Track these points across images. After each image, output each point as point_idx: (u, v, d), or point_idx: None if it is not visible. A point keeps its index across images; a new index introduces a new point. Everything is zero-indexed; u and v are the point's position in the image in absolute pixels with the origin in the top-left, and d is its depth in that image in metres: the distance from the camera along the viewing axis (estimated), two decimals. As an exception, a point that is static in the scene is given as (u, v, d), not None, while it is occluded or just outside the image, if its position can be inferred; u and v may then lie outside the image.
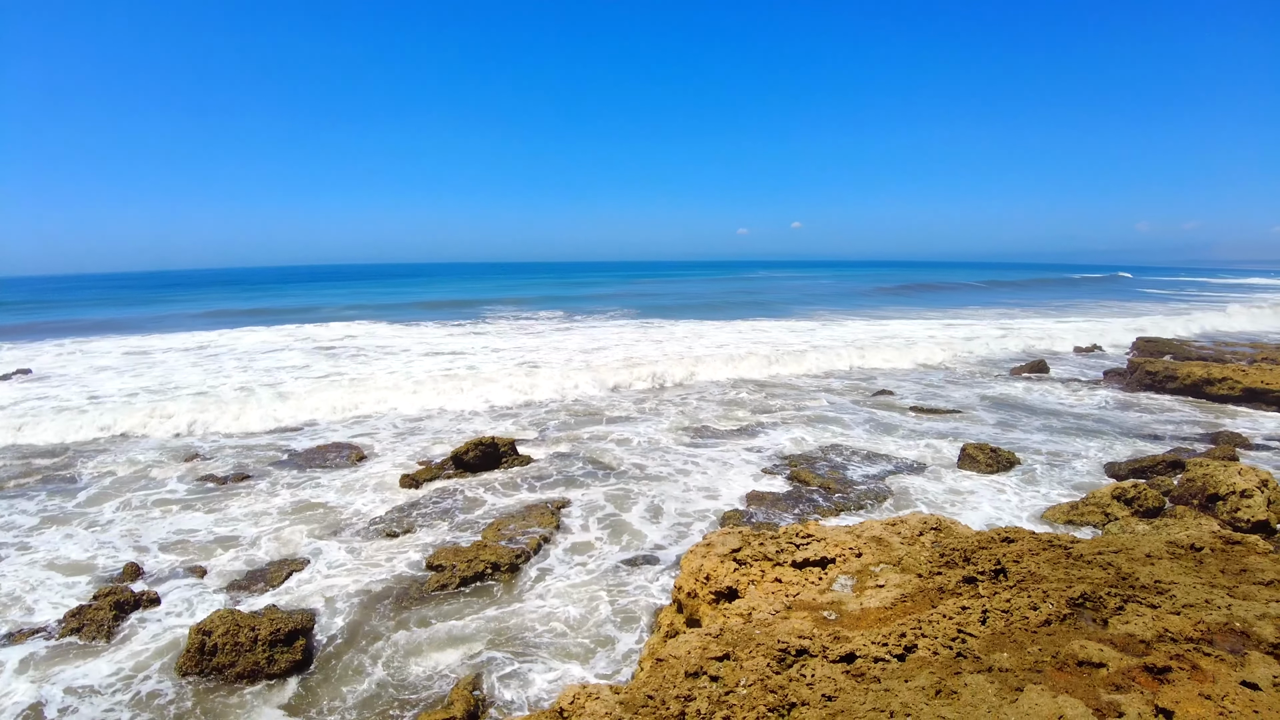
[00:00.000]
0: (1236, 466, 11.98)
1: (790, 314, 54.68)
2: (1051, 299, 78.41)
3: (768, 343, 35.22)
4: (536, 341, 35.48)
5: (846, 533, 6.85)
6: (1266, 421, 19.57)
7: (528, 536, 10.85)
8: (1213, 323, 45.49)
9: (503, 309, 57.46)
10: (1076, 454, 15.94)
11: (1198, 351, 31.56)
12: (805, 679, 4.12)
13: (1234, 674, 3.74)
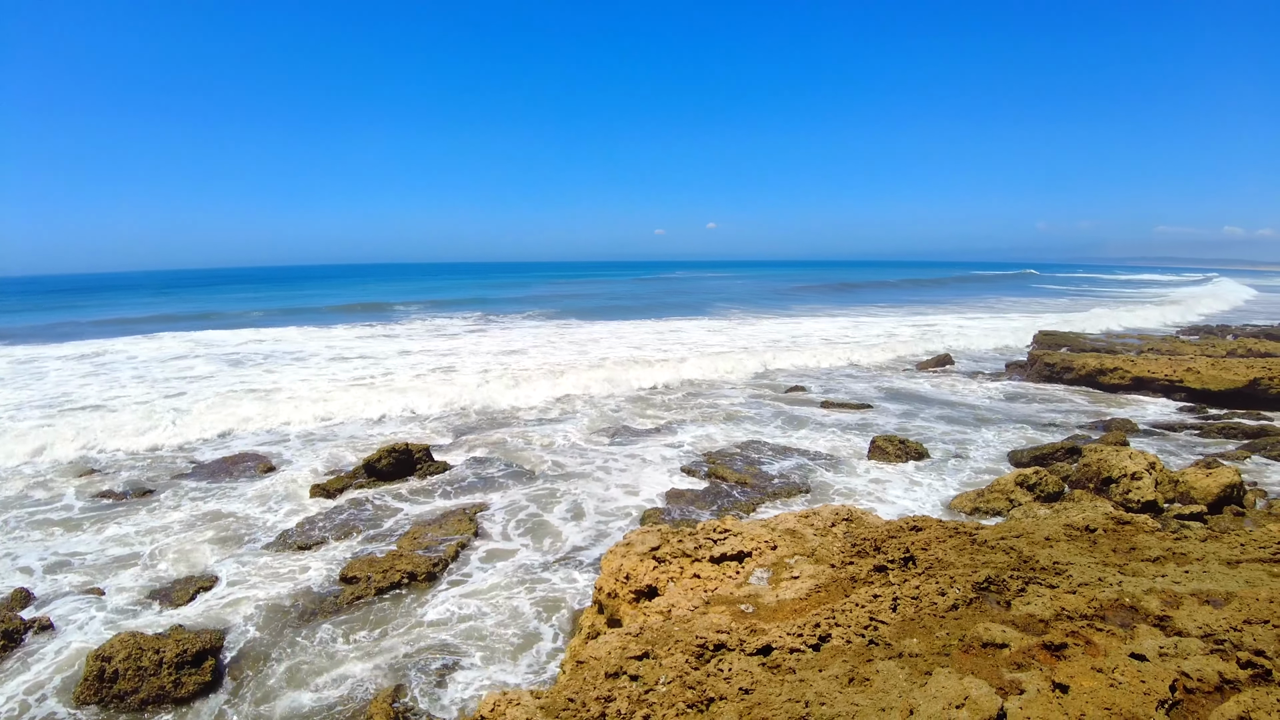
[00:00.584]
0: (1127, 451, 12.64)
1: (706, 313, 55.33)
2: (960, 296, 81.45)
3: (685, 343, 35.54)
4: (450, 344, 34.85)
5: (762, 526, 6.97)
6: (1152, 408, 20.76)
7: (445, 544, 10.68)
8: (1107, 318, 47.90)
9: (417, 311, 56.25)
10: (981, 443, 16.58)
11: (1091, 344, 33.25)
12: (723, 673, 4.17)
13: (1124, 647, 3.95)
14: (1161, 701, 3.48)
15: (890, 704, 3.52)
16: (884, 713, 3.45)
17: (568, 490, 13.27)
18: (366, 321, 46.23)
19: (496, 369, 26.14)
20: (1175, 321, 48.62)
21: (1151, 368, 22.50)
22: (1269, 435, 16.71)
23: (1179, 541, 6.38)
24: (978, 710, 3.34)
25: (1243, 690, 3.67)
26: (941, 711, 3.35)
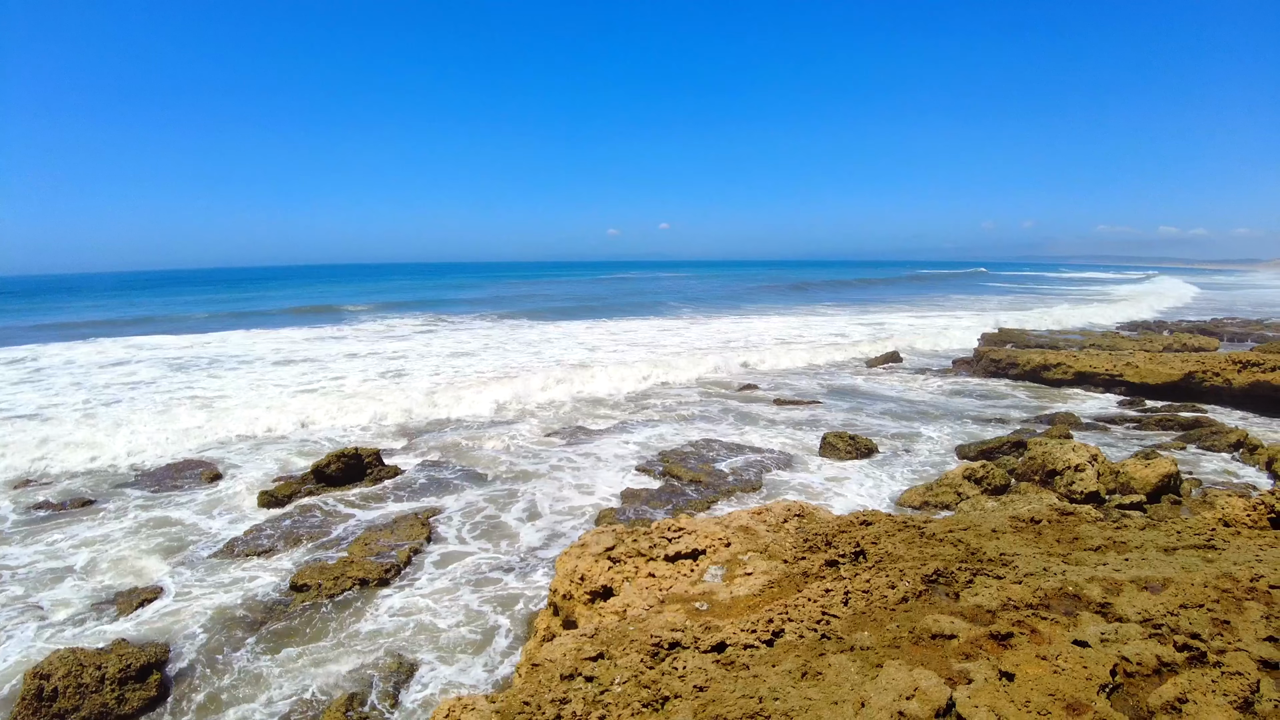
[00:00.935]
0: (1071, 444, 12.98)
1: (658, 313, 55.48)
2: (911, 295, 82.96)
3: (639, 343, 35.62)
4: (400, 346, 34.23)
5: (716, 524, 7.00)
6: (1094, 401, 21.35)
7: (398, 549, 10.55)
8: (1052, 315, 49.12)
9: (368, 313, 55.23)
10: (929, 438, 16.88)
11: (1035, 340, 34.09)
12: (678, 671, 4.18)
13: (1067, 634, 4.05)
14: (1103, 686, 3.57)
15: (843, 697, 3.56)
16: (837, 706, 3.49)
17: (522, 492, 13.20)
18: (315, 324, 45.29)
19: (447, 371, 25.90)
20: (1123, 318, 50.01)
21: (1093, 363, 23.15)
22: (1203, 426, 17.28)
23: (1119, 530, 6.56)
24: (927, 701, 3.40)
25: (1179, 672, 3.79)
26: (892, 703, 3.40)
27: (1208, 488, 13.05)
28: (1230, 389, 20.58)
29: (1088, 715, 3.33)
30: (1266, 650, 4.03)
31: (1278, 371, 20.01)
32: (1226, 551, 5.78)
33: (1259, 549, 6.00)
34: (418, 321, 47.27)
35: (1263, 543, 6.56)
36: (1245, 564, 5.24)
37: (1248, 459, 14.89)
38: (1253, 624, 4.29)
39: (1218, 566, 5.18)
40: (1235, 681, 3.65)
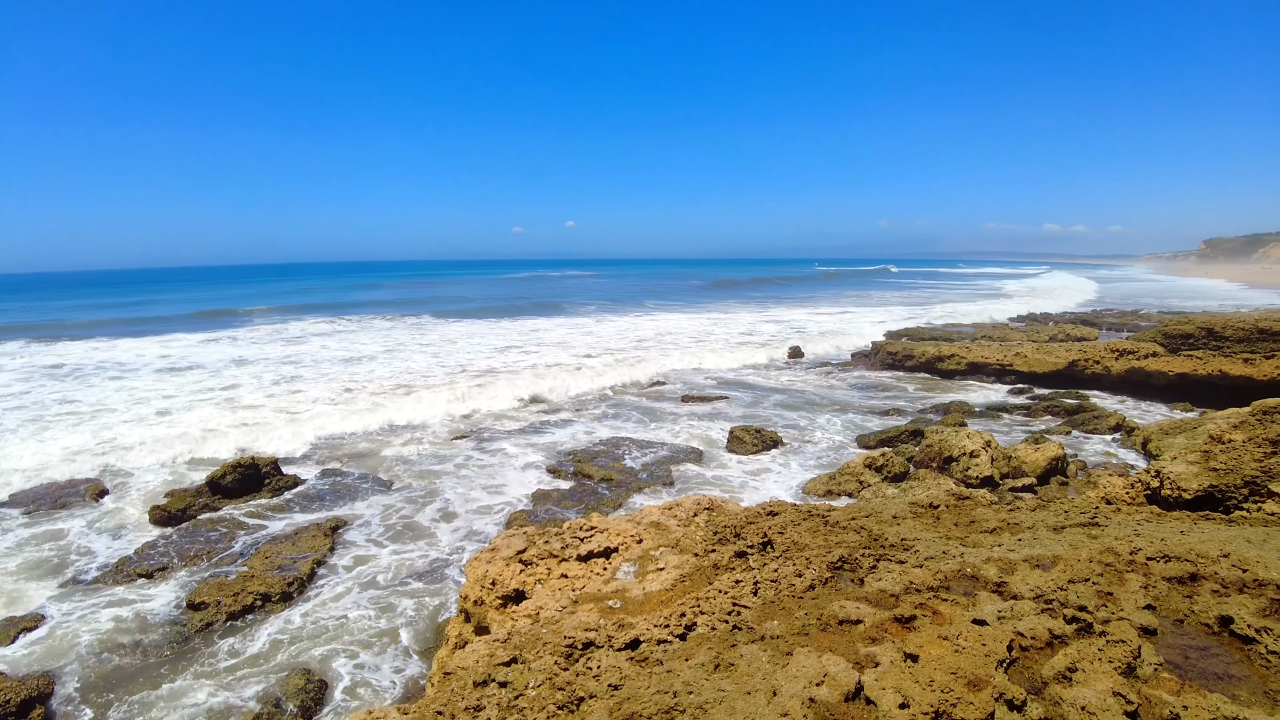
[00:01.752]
0: (965, 431, 13.52)
1: (565, 312, 55.30)
2: (815, 292, 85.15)
3: (545, 342, 35.36)
4: (295, 350, 32.89)
5: (627, 521, 7.02)
6: (986, 390, 22.34)
7: (301, 561, 10.19)
8: (951, 310, 51.11)
9: (263, 316, 52.85)
10: (831, 429, 17.34)
11: (930, 333, 35.41)
12: (592, 671, 4.16)
13: (966, 614, 4.21)
14: (1000, 661, 3.73)
15: (755, 687, 3.61)
16: (750, 696, 3.54)
17: (429, 498, 12.94)
18: (212, 328, 43.16)
19: (343, 378, 24.93)
20: (1025, 310, 52.33)
21: (984, 354, 24.21)
22: (1086, 411, 18.26)
23: (1012, 513, 6.87)
24: (836, 686, 3.48)
25: (1069, 643, 3.99)
26: (803, 690, 3.46)
27: (1092, 468, 13.79)
28: (1109, 376, 21.86)
29: (987, 690, 3.47)
30: (1145, 618, 4.28)
31: (1150, 359, 21.35)
32: (1109, 528, 6.12)
33: (1137, 524, 6.38)
34: (316, 324, 45.45)
35: (1140, 517, 6.97)
36: (1125, 538, 5.56)
37: (1126, 441, 15.82)
38: (1133, 594, 4.55)
39: (1101, 542, 5.47)
40: (1119, 649, 3.87)
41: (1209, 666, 3.94)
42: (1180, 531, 5.99)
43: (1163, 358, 21.42)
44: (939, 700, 3.40)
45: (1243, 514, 7.17)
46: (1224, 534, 5.88)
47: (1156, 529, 6.15)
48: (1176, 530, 6.09)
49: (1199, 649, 4.11)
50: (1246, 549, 5.22)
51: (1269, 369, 18.60)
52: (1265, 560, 4.92)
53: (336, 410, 19.24)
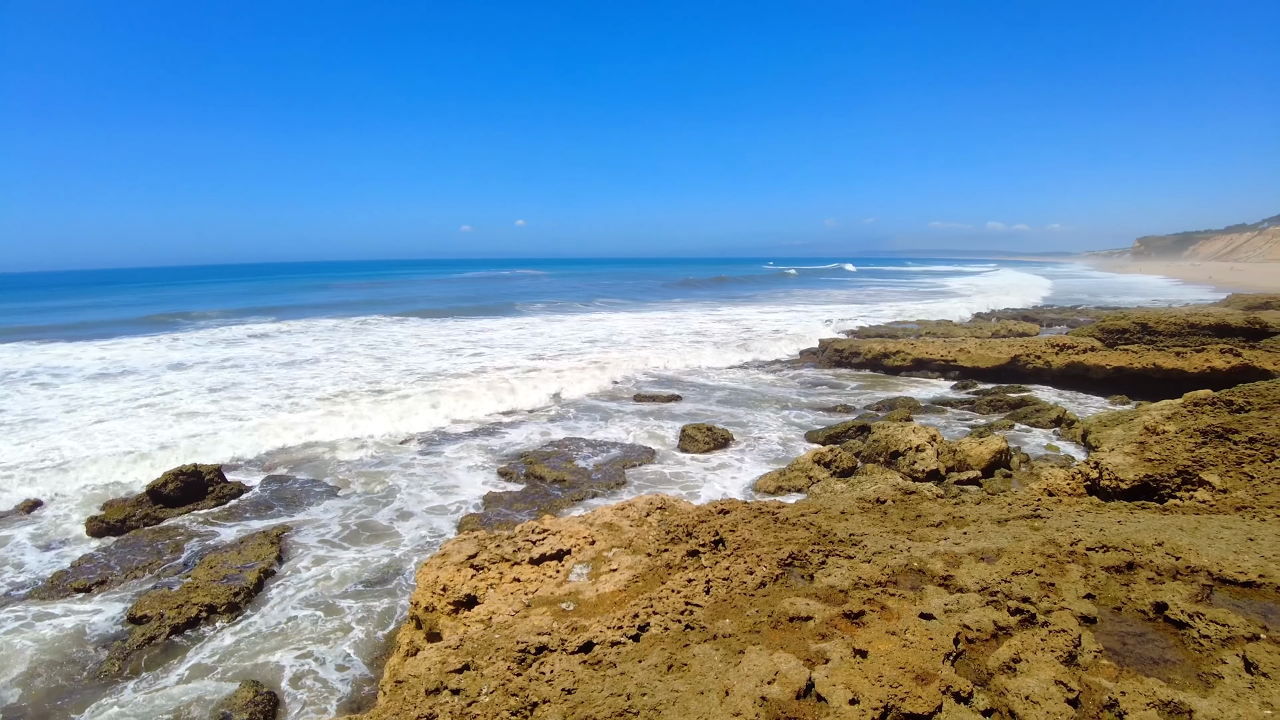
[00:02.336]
0: (911, 426, 13.77)
1: (514, 313, 54.87)
2: (767, 290, 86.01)
3: (494, 344, 35.03)
4: (236, 353, 31.89)
5: (580, 522, 7.00)
6: (931, 386, 22.77)
7: (247, 570, 9.96)
8: (902, 308, 52.02)
9: (205, 320, 51.18)
10: (781, 426, 17.51)
11: (876, 330, 36.02)
12: (545, 676, 4.14)
13: (914, 608, 4.28)
14: (948, 655, 3.80)
15: (708, 686, 3.63)
16: (703, 696, 3.55)
17: (378, 503, 12.75)
18: (152, 332, 41.63)
19: (285, 382, 24.33)
20: (983, 308, 53.37)
21: (929, 350, 24.68)
22: (1028, 405, 18.72)
23: (958, 506, 7.01)
24: (788, 684, 3.51)
25: (1013, 634, 4.08)
26: (755, 689, 3.49)
27: (1034, 461, 14.14)
28: (1050, 370, 22.43)
29: (935, 683, 3.53)
30: (1086, 607, 4.40)
31: (1089, 354, 21.96)
32: (1050, 519, 6.28)
33: (1078, 515, 6.55)
34: (262, 326, 43.93)
35: (1080, 508, 7.17)
36: (1066, 530, 5.71)
37: (1066, 433, 16.26)
38: (1073, 584, 4.67)
39: (1043, 534, 5.61)
40: (1061, 638, 3.97)
41: (1145, 652, 4.06)
42: (1118, 522, 6.17)
43: (1100, 352, 22.05)
44: (888, 695, 3.45)
45: (1176, 502, 7.40)
46: (1158, 523, 6.08)
47: (1096, 520, 6.32)
48: (1114, 520, 6.27)
49: (1136, 635, 4.24)
50: (1179, 537, 5.40)
51: (1198, 362, 19.25)
52: (1197, 547, 5.10)
53: (282, 416, 18.85)
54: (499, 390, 22.01)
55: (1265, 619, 4.24)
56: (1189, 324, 24.54)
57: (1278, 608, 4.38)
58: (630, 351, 30.13)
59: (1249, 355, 18.80)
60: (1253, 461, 7.20)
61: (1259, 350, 19.54)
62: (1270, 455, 7.10)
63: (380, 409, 19.30)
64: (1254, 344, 21.11)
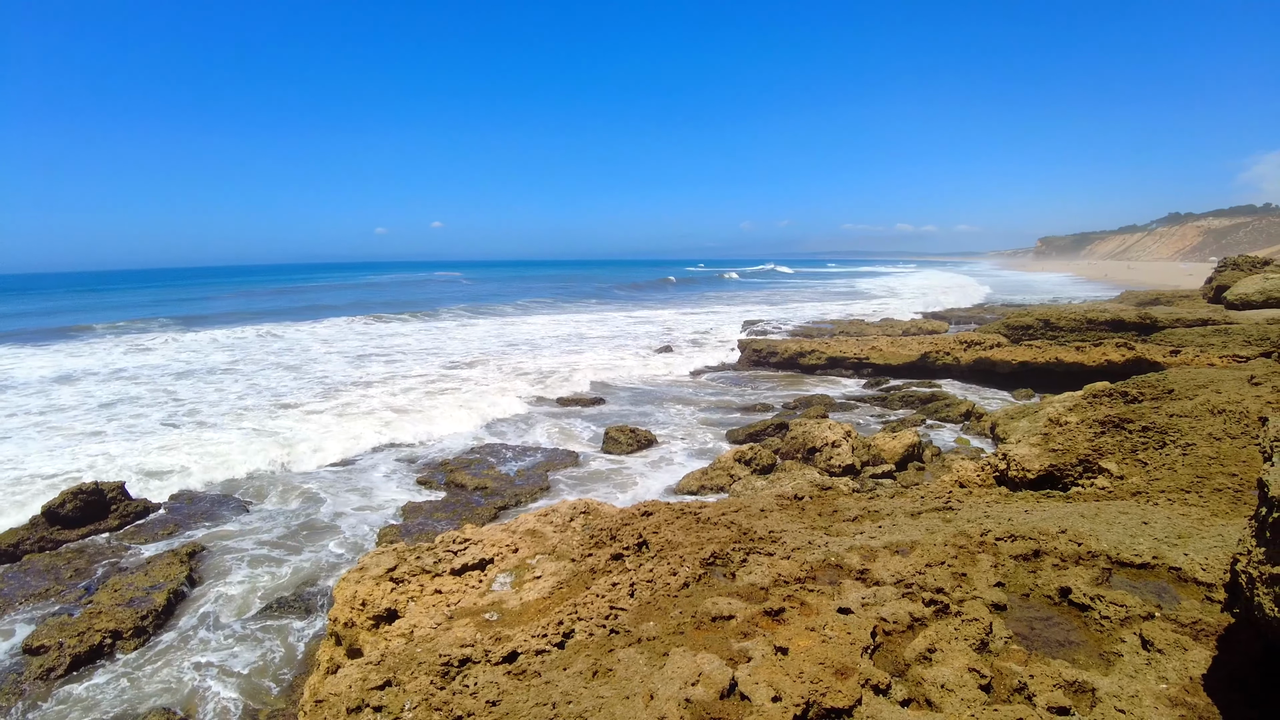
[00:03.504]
0: (827, 423, 14.07)
1: (429, 317, 53.79)
2: (685, 292, 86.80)
3: (412, 349, 34.39)
4: (138, 363, 30.29)
5: (502, 530, 6.92)
6: (846, 384, 23.32)
7: (155, 592, 9.52)
8: (822, 308, 53.09)
9: (110, 330, 48.03)
10: (702, 426, 17.68)
11: (792, 330, 36.73)
12: (469, 689, 4.08)
13: (832, 604, 4.37)
14: (865, 648, 3.89)
15: (633, 691, 3.63)
16: (628, 701, 3.55)
17: (292, 517, 12.36)
18: (43, 343, 39.19)
19: (190, 394, 23.25)
20: (921, 307, 54.70)
21: (843, 348, 25.28)
22: (938, 400, 19.33)
23: (873, 500, 7.18)
24: (711, 684, 3.54)
25: (928, 625, 4.20)
26: (679, 692, 3.51)
27: (946, 453, 14.61)
28: (959, 366, 23.23)
29: (854, 677, 3.61)
30: (996, 595, 4.56)
31: (995, 349, 22.83)
32: (961, 510, 6.49)
33: (987, 505, 6.79)
34: (168, 336, 41.57)
35: (990, 499, 7.43)
36: (976, 521, 5.91)
37: (975, 426, 16.84)
38: (984, 574, 4.84)
39: (955, 525, 5.80)
40: (973, 626, 4.10)
41: (1052, 635, 4.24)
42: (1025, 511, 6.42)
43: (1006, 348, 22.95)
44: (809, 691, 3.51)
45: (1079, 490, 7.73)
46: (1062, 511, 6.35)
47: (1004, 510, 6.57)
48: (1022, 510, 6.52)
49: (1043, 620, 4.41)
50: (1081, 524, 5.64)
51: (1096, 356, 20.21)
52: (1097, 533, 5.34)
53: (186, 432, 18.13)
54: (414, 395, 21.62)
55: (1159, 598, 4.47)
56: (1087, 320, 25.74)
57: (1170, 587, 4.62)
58: (551, 354, 30.01)
59: (1141, 349, 19.83)
60: (1146, 449, 7.58)
61: (1150, 344, 20.66)
62: (1161, 443, 7.48)
63: (292, 421, 18.75)
64: (1145, 338, 22.33)
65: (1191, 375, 9.33)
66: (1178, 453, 7.20)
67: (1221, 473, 6.64)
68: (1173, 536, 5.28)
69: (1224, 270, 35.49)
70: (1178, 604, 4.37)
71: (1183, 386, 8.73)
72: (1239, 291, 30.33)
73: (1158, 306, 31.87)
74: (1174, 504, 6.38)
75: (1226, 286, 32.51)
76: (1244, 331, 20.22)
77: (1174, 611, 4.26)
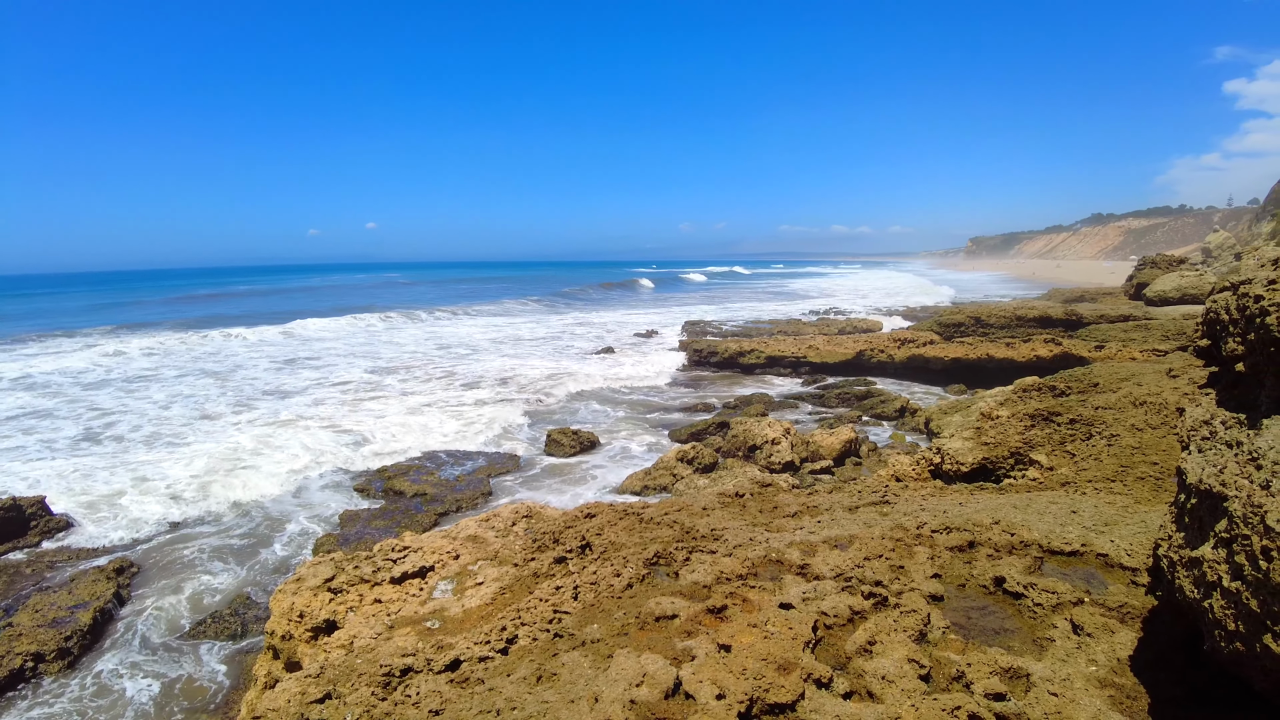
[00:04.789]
0: (767, 421, 14.24)
1: (362, 320, 52.62)
2: (628, 294, 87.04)
3: (341, 352, 33.63)
4: (53, 369, 28.83)
5: (443, 537, 6.82)
6: (784, 382, 23.63)
7: (80, 611, 9.15)
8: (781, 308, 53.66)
9: (21, 339, 45.71)
10: (645, 426, 17.72)
11: (732, 330, 37.08)
12: (411, 699, 4.01)
13: (774, 599, 4.41)
14: (807, 643, 3.93)
15: (578, 694, 3.61)
16: (573, 705, 3.53)
17: (224, 530, 12.00)
18: None
19: (113, 404, 22.29)
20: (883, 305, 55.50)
21: (781, 347, 25.61)
22: (874, 397, 19.70)
23: (812, 496, 7.27)
24: (655, 684, 3.54)
25: (868, 617, 4.26)
26: (623, 694, 3.49)
27: (882, 449, 14.88)
28: (894, 363, 23.72)
29: (796, 672, 3.64)
30: (933, 586, 4.65)
31: (928, 346, 23.37)
32: (898, 504, 6.61)
33: (923, 499, 6.93)
34: (90, 343, 39.55)
35: (925, 492, 7.58)
36: (912, 514, 6.03)
37: (910, 422, 17.21)
38: (921, 565, 4.93)
39: (892, 519, 5.90)
40: (911, 618, 4.18)
41: (988, 624, 4.34)
42: (959, 504, 6.57)
43: (939, 345, 23.52)
44: (752, 687, 3.53)
45: (1011, 482, 7.95)
46: (995, 502, 6.51)
47: (939, 502, 6.71)
48: (956, 502, 6.68)
49: (979, 609, 4.52)
50: (1013, 514, 5.80)
51: (1026, 351, 20.84)
52: (1028, 523, 5.49)
53: (111, 442, 17.48)
54: (348, 402, 21.21)
55: (1088, 584, 4.61)
56: (1017, 317, 26.49)
57: (1098, 573, 4.78)
58: (492, 356, 29.76)
59: (1068, 344, 20.53)
60: (1074, 440, 7.82)
61: (1076, 339, 21.42)
62: (1088, 434, 7.73)
63: (220, 431, 18.24)
64: (1071, 334, 23.13)
65: (1115, 369, 9.67)
66: (1103, 443, 7.45)
67: (1144, 462, 6.89)
68: (1100, 524, 5.46)
69: (1144, 269, 36.93)
70: (1105, 589, 4.52)
71: (1107, 380, 9.04)
72: (1157, 289, 31.60)
73: (1083, 303, 33.01)
74: (1100, 493, 6.61)
75: (1146, 284, 33.85)
76: (1162, 327, 21.11)
77: (1102, 596, 4.41)
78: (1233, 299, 3.08)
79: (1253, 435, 2.79)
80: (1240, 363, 3.06)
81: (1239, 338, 3.04)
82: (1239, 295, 3.02)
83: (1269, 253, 2.99)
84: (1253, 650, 2.48)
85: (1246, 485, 2.61)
